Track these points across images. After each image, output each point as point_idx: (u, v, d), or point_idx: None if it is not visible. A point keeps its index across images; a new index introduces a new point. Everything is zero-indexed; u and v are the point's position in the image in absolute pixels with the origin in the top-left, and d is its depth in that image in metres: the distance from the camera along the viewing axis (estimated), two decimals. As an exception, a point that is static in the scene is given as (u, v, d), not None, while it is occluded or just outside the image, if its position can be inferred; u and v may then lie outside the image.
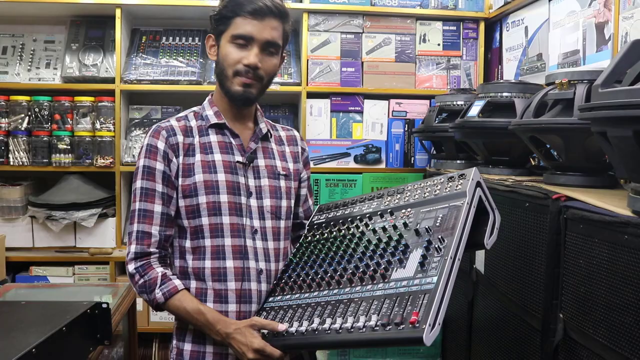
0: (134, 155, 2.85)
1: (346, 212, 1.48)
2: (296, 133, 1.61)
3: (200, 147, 1.41)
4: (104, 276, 2.75)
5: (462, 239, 1.13)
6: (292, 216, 1.52)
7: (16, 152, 2.80)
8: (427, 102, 2.98)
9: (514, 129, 1.67)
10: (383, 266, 1.19)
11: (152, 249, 1.37)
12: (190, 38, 3.01)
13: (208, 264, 1.38)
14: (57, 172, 2.87)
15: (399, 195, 1.39)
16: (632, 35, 1.86)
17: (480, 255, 1.82)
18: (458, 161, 2.47)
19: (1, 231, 2.75)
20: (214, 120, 1.43)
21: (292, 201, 1.52)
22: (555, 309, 1.34)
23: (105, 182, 2.91)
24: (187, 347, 1.40)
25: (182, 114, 1.48)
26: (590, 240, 1.21)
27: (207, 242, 1.38)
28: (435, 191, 1.30)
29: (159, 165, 1.37)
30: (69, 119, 2.83)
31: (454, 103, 2.51)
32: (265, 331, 1.27)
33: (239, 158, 1.42)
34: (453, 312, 2.17)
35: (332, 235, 1.41)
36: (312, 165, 2.59)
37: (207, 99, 1.50)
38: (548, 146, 1.68)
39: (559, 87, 1.55)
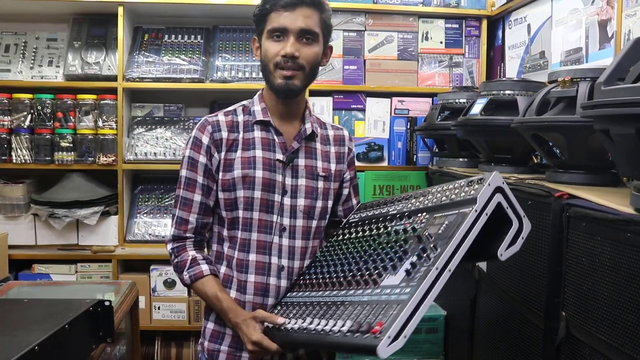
0: (136, 153, 2.86)
1: (376, 213, 1.45)
2: (345, 133, 1.61)
3: (243, 142, 1.45)
4: (106, 274, 2.75)
5: (459, 249, 1.06)
6: (327, 216, 1.53)
7: (19, 150, 2.81)
8: (429, 100, 2.97)
9: (516, 126, 1.67)
10: (377, 271, 1.16)
11: (188, 234, 1.46)
12: (193, 36, 2.99)
13: (236, 254, 1.44)
14: (59, 170, 2.87)
15: (421, 198, 1.33)
16: (635, 33, 1.86)
17: (482, 253, 1.82)
18: (460, 159, 2.47)
19: (4, 229, 2.75)
20: (260, 117, 1.46)
21: (330, 202, 1.53)
22: (558, 307, 1.34)
23: (108, 180, 2.91)
24: (210, 325, 1.49)
25: (231, 108, 1.51)
26: (593, 238, 1.20)
27: (239, 234, 1.44)
28: (452, 195, 1.22)
29: (202, 159, 1.43)
30: (71, 117, 2.83)
31: (457, 101, 2.50)
32: (270, 325, 1.29)
33: (279, 156, 1.45)
34: (455, 310, 2.17)
35: (358, 235, 1.39)
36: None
37: (257, 93, 1.52)
38: (550, 144, 1.68)
39: (562, 85, 1.54)
